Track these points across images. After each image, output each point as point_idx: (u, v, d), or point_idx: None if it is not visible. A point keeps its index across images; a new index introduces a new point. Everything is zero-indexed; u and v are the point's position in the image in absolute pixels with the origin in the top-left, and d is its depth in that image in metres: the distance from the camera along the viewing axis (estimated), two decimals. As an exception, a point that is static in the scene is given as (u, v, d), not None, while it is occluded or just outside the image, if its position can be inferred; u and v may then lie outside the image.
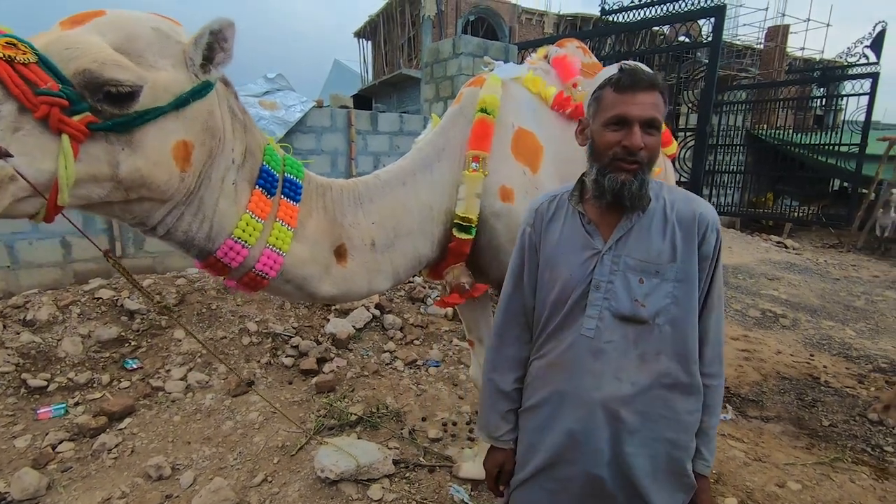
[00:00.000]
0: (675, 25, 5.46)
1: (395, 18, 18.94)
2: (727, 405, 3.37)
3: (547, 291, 1.21)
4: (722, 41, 4.65)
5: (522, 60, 2.56)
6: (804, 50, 19.79)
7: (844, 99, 10.59)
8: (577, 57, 2.24)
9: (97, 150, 0.99)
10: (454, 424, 3.01)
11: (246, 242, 1.28)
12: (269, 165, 1.34)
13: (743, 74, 17.93)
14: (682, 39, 6.00)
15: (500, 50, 5.93)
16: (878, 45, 10.93)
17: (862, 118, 9.49)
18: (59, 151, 0.93)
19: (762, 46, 18.73)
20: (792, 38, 18.51)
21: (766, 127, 13.15)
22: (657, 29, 7.69)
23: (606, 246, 1.14)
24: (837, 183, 13.51)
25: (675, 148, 3.19)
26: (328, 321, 4.13)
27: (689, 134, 5.70)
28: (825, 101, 12.89)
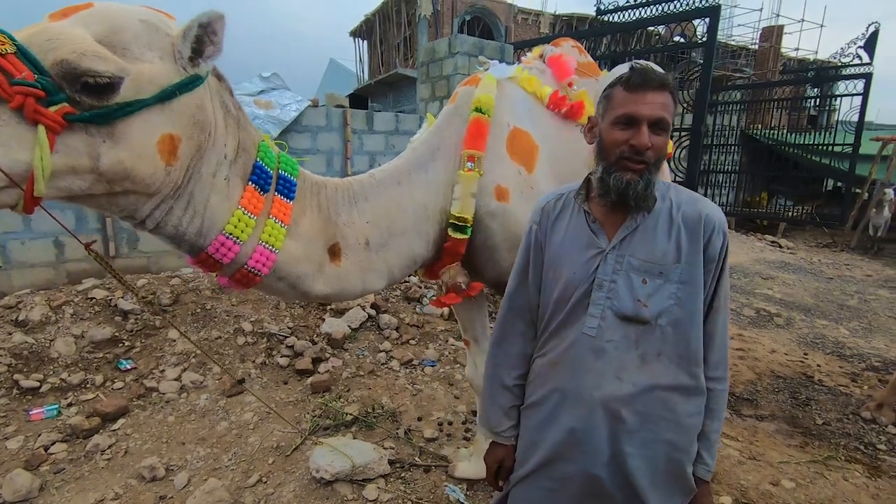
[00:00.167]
0: (670, 26, 5.47)
1: (391, 18, 18.91)
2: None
3: (551, 289, 1.21)
4: (717, 41, 4.67)
5: (518, 60, 2.56)
6: (798, 50, 19.94)
7: (838, 99, 10.67)
8: (572, 56, 2.23)
9: (76, 141, 0.98)
10: (450, 424, 3.01)
11: (238, 239, 1.27)
12: (263, 162, 1.33)
13: (738, 75, 18.01)
14: (677, 40, 6.03)
15: (495, 49, 5.93)
16: (871, 45, 11.02)
17: (855, 118, 9.57)
18: (35, 142, 0.93)
19: (757, 47, 18.81)
20: (786, 38, 18.62)
21: (760, 127, 13.21)
22: (652, 29, 7.72)
23: (610, 245, 1.14)
24: (831, 183, 13.61)
25: (670, 147, 3.19)
26: (324, 321, 4.12)
27: (684, 134, 5.72)
28: (819, 101, 13.00)
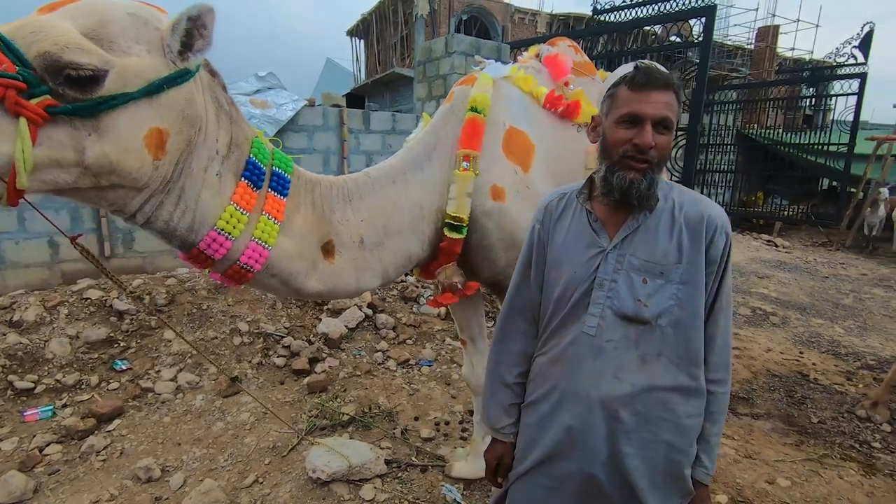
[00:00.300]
0: (666, 25, 5.48)
1: (387, 17, 18.89)
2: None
3: (552, 288, 1.21)
4: (713, 41, 4.68)
5: (515, 59, 2.55)
6: (794, 50, 19.98)
7: (833, 99, 10.71)
8: (568, 56, 2.23)
9: (60, 134, 0.98)
10: (447, 424, 3.01)
11: (230, 234, 1.26)
12: (256, 158, 1.33)
13: (734, 74, 18.07)
14: (673, 39, 6.03)
15: (492, 49, 5.93)
16: (865, 45, 11.05)
17: (850, 118, 9.59)
18: (16, 135, 0.92)
19: (753, 46, 18.88)
20: (782, 38, 18.70)
21: (756, 126, 13.24)
22: (649, 29, 7.73)
23: (611, 244, 1.14)
24: (826, 182, 13.66)
25: None
26: (320, 321, 4.11)
27: (680, 133, 5.72)
28: (814, 100, 13.03)
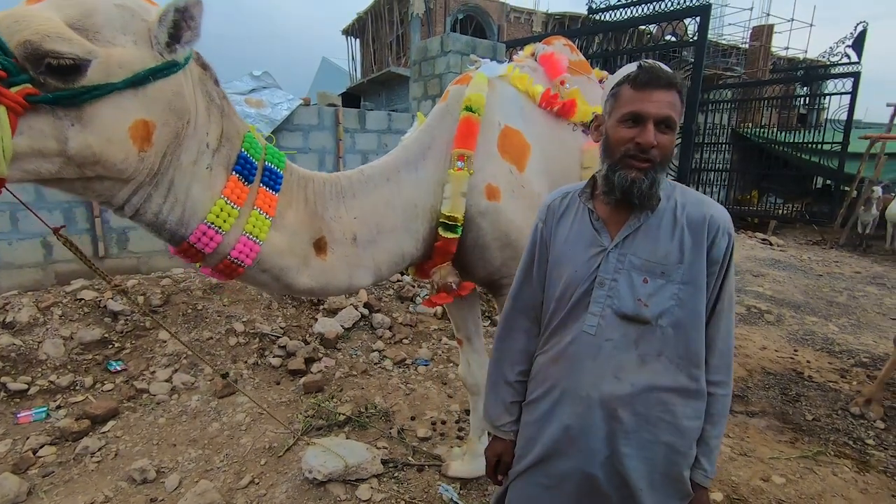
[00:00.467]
0: (661, 24, 5.50)
1: (383, 16, 18.84)
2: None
3: (554, 287, 1.21)
4: (707, 40, 4.69)
5: (510, 59, 2.55)
6: (788, 49, 20.05)
7: (827, 98, 10.77)
8: (564, 55, 2.24)
9: (42, 124, 0.97)
10: (443, 423, 3.01)
11: (220, 228, 1.26)
12: (248, 153, 1.32)
13: (728, 73, 18.12)
14: (668, 38, 6.05)
15: (488, 48, 5.92)
16: (859, 44, 11.13)
17: (844, 117, 9.66)
18: None
19: (747, 46, 18.94)
20: (776, 37, 18.73)
21: (751, 125, 13.31)
22: (644, 28, 7.75)
23: (612, 243, 1.14)
24: (820, 181, 13.74)
25: None
26: (316, 321, 4.10)
27: (675, 132, 5.74)
28: (808, 99, 13.11)
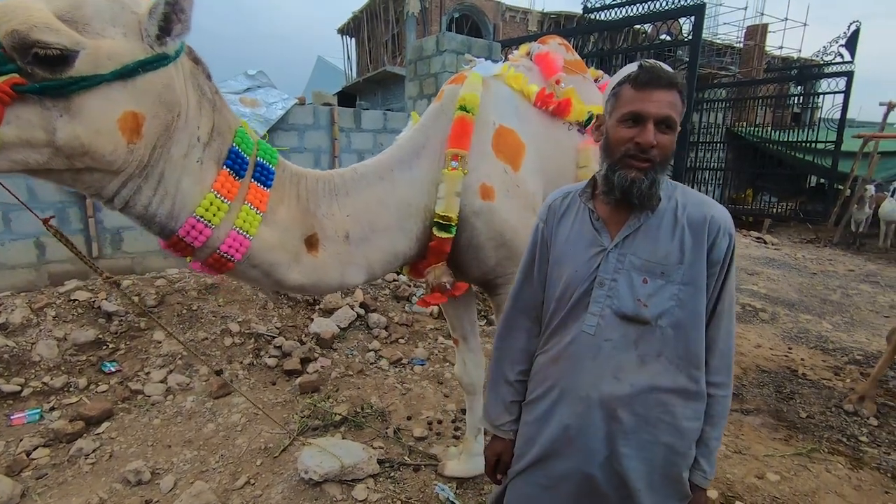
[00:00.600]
0: (656, 24, 5.51)
1: (378, 15, 18.81)
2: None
3: (554, 287, 1.21)
4: (702, 40, 4.71)
5: (506, 58, 2.55)
6: (782, 49, 20.14)
7: (821, 97, 10.83)
8: (559, 54, 2.24)
9: (30, 114, 0.98)
10: (439, 423, 3.01)
11: (209, 222, 1.26)
12: (239, 148, 1.32)
13: (723, 73, 18.21)
14: (663, 38, 6.06)
15: (483, 47, 5.92)
16: (852, 44, 11.17)
17: (838, 116, 9.71)
18: None
19: (741, 45, 19.04)
20: (770, 37, 18.85)
21: (745, 124, 13.37)
22: (639, 27, 7.76)
23: (612, 243, 1.14)
24: (814, 179, 13.81)
25: None
26: (312, 321, 4.09)
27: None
28: (802, 99, 13.17)
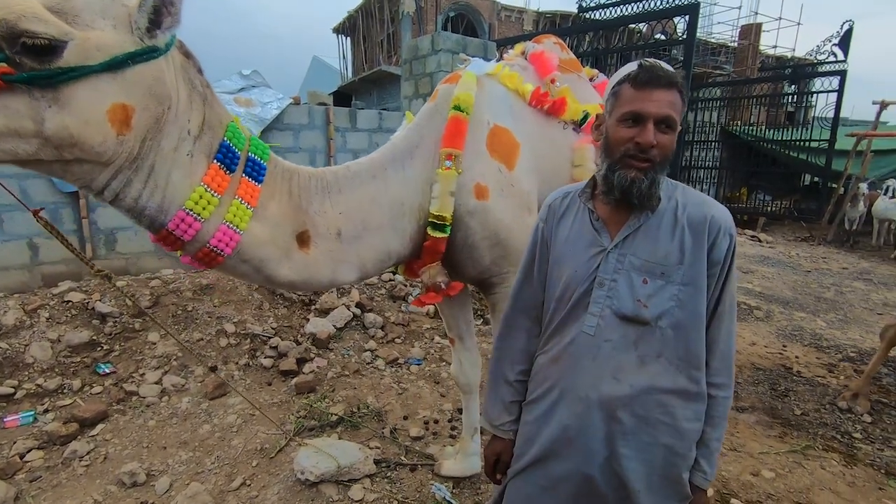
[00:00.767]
0: (651, 23, 5.53)
1: (373, 14, 18.79)
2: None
3: (554, 287, 1.21)
4: (696, 39, 4.73)
5: (501, 57, 2.55)
6: (776, 48, 20.27)
7: (814, 96, 10.89)
8: (554, 53, 2.24)
9: (18, 104, 0.98)
10: (436, 422, 3.01)
11: (199, 216, 1.25)
12: (230, 142, 1.32)
13: (717, 72, 18.29)
14: (658, 37, 6.08)
15: (478, 47, 5.92)
16: (845, 43, 11.26)
17: (831, 114, 9.77)
18: None
19: (736, 44, 19.12)
20: (764, 36, 18.94)
21: (739, 123, 13.44)
22: (634, 26, 7.79)
23: (612, 244, 1.13)
24: (808, 178, 13.90)
25: None
26: (308, 321, 4.08)
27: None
28: (796, 97, 13.25)
